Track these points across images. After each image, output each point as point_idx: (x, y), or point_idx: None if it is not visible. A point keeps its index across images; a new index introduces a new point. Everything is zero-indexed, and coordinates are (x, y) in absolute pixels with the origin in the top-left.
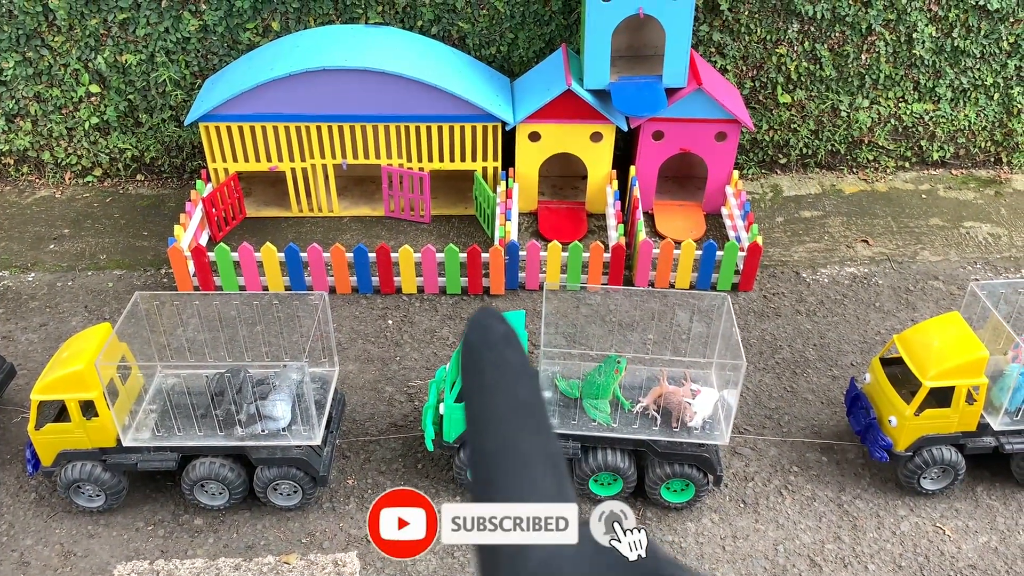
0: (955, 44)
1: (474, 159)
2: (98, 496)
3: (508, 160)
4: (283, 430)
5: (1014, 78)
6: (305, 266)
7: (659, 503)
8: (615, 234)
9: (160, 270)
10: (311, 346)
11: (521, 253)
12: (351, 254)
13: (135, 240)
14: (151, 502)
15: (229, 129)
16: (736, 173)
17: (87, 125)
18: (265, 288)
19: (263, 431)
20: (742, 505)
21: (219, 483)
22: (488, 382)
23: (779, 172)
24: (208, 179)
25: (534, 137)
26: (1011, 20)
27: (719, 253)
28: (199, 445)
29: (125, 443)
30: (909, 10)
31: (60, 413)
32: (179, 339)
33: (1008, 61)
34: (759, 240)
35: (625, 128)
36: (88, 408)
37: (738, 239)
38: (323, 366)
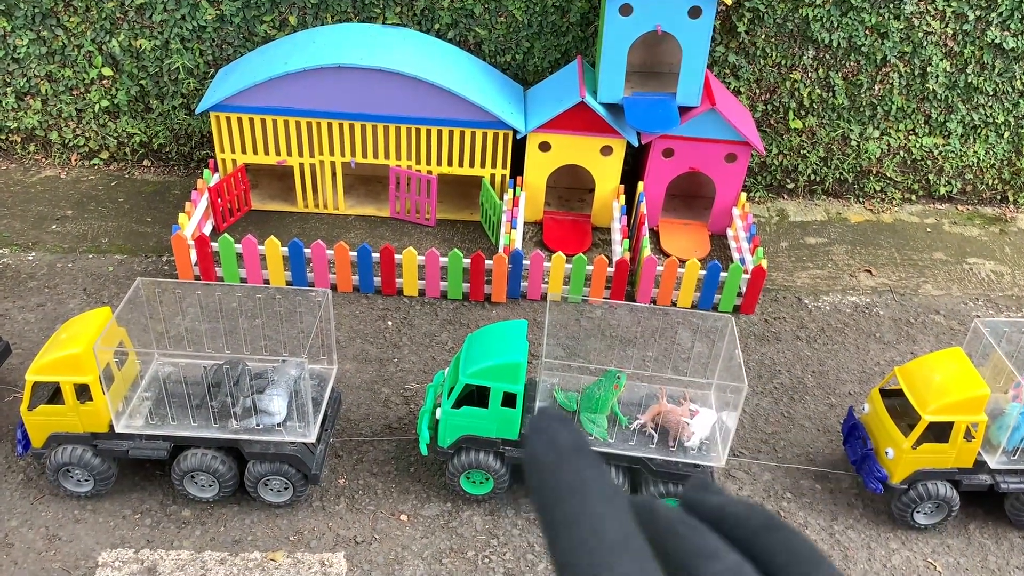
0: (968, 80)
1: (483, 165)
2: (87, 481)
3: (517, 168)
4: (278, 425)
5: None
6: (308, 262)
7: None
8: (620, 249)
9: (162, 257)
10: (310, 343)
11: (525, 262)
12: (355, 253)
13: (138, 225)
14: (139, 490)
15: (240, 120)
16: (744, 195)
17: (97, 108)
18: (267, 282)
19: (258, 425)
20: None
21: (209, 475)
22: (575, 513)
23: (786, 197)
24: (216, 169)
25: (544, 147)
26: None
27: (723, 274)
28: (192, 436)
29: (118, 429)
30: (925, 44)
31: (54, 395)
32: (178, 327)
33: (1020, 100)
34: (764, 264)
35: (636, 143)
36: (83, 392)
37: (743, 261)
38: (322, 364)
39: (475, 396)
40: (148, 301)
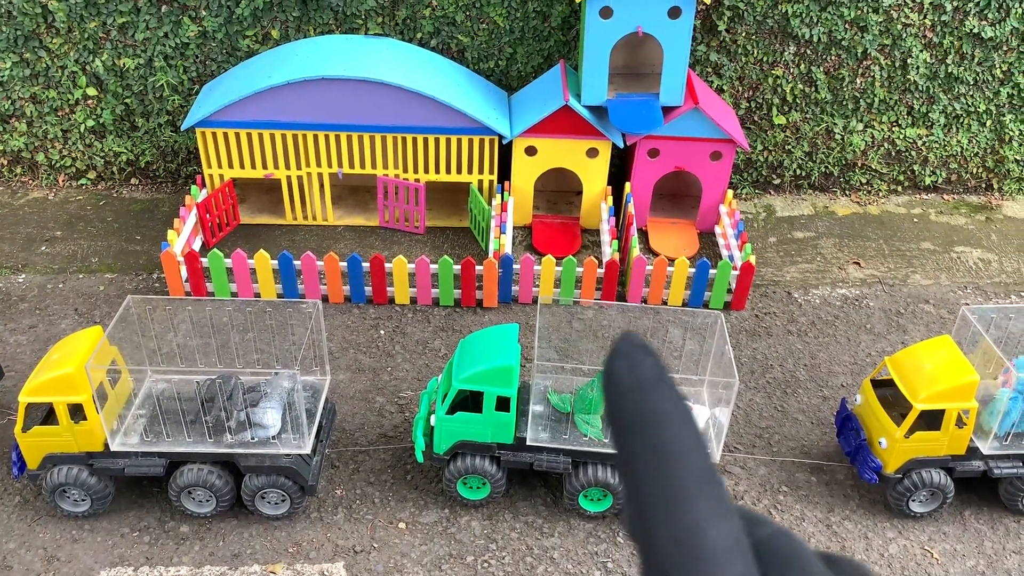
0: (949, 71)
1: (470, 172)
2: (83, 501)
3: (504, 173)
4: (273, 438)
5: (1006, 105)
6: (298, 274)
7: None
8: (609, 250)
9: (152, 274)
10: (303, 355)
11: (515, 266)
12: (345, 263)
13: (127, 244)
14: (137, 508)
15: (226, 135)
16: (730, 192)
17: (83, 128)
18: (257, 295)
19: (252, 438)
20: None
21: (206, 490)
22: (655, 443)
23: (773, 192)
24: (203, 185)
25: (530, 151)
26: (1004, 49)
27: (712, 272)
28: (187, 451)
29: (113, 448)
30: (904, 36)
31: (48, 416)
32: (170, 344)
33: (1000, 89)
34: (752, 259)
35: (621, 145)
36: (76, 411)
37: (731, 258)
38: (315, 375)
39: (469, 401)
40: (139, 319)
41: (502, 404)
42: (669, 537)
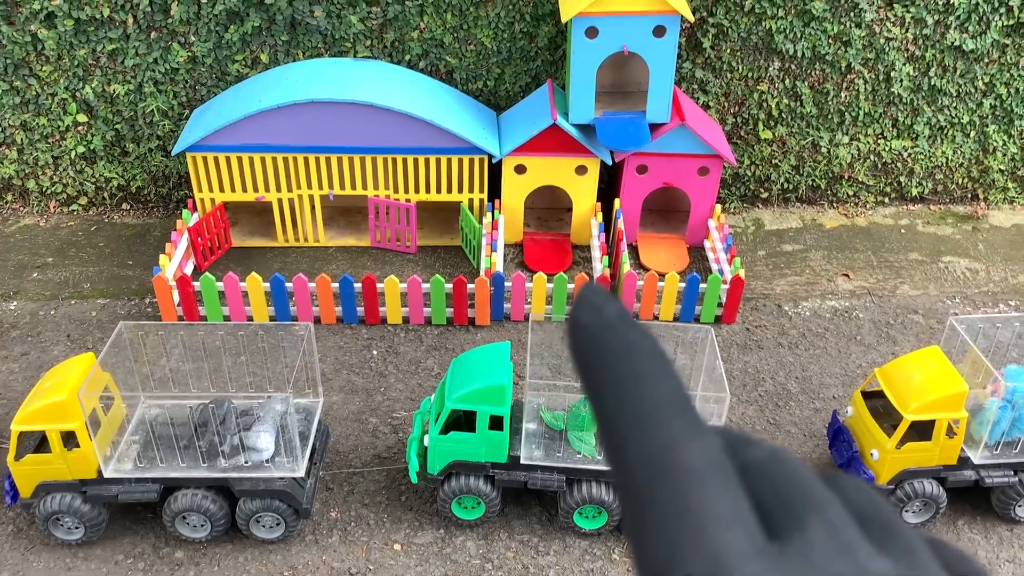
0: (932, 83)
1: (460, 191)
2: (77, 528)
3: (494, 192)
4: (266, 462)
5: (989, 116)
6: (290, 296)
7: None
8: (600, 266)
9: (144, 299)
10: (295, 377)
11: (507, 284)
12: (337, 284)
13: (120, 269)
14: (131, 535)
15: (216, 159)
16: (719, 207)
17: (73, 154)
18: (250, 318)
19: (246, 462)
20: None
21: (201, 515)
22: (622, 374)
23: (761, 206)
24: (194, 209)
25: (520, 170)
26: (985, 60)
27: (702, 286)
28: (181, 476)
29: (106, 474)
30: (887, 49)
31: (40, 444)
32: (163, 369)
33: (983, 100)
34: (741, 273)
35: (609, 162)
36: (69, 439)
37: (721, 272)
38: (307, 397)
39: (462, 421)
40: (132, 344)
41: (495, 423)
42: (639, 457)
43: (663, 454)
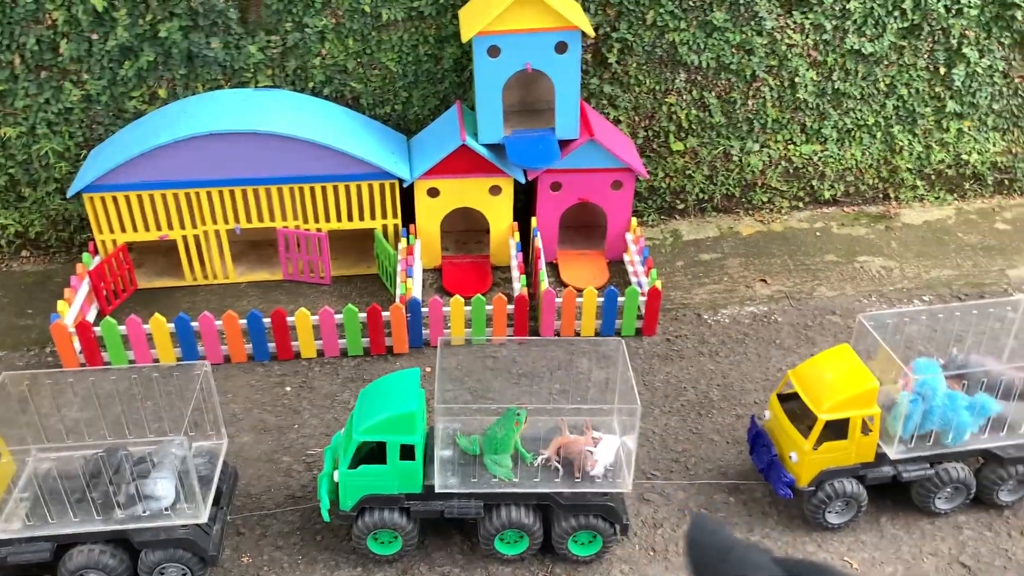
0: (836, 87)
1: (372, 217)
2: None
3: (409, 217)
4: (166, 509)
5: (893, 117)
6: (197, 336)
7: (567, 558)
8: (518, 285)
9: (45, 349)
10: (197, 419)
11: (424, 309)
12: (244, 320)
13: (18, 319)
14: None
15: (115, 199)
16: (635, 220)
17: None
18: (156, 361)
19: (144, 512)
20: (652, 553)
21: (100, 572)
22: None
23: (678, 217)
24: (96, 251)
25: (433, 193)
26: (885, 63)
27: (620, 299)
28: (75, 532)
29: None
30: (789, 56)
31: None
32: (55, 420)
33: (886, 101)
34: (659, 284)
35: (523, 180)
36: None
37: (639, 284)
38: (211, 439)
39: (375, 452)
40: (20, 396)
41: (407, 452)
42: None
43: None
